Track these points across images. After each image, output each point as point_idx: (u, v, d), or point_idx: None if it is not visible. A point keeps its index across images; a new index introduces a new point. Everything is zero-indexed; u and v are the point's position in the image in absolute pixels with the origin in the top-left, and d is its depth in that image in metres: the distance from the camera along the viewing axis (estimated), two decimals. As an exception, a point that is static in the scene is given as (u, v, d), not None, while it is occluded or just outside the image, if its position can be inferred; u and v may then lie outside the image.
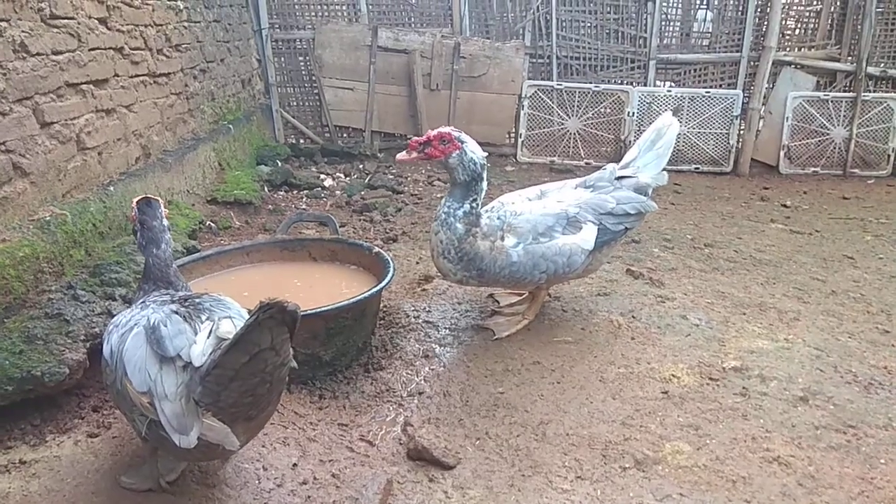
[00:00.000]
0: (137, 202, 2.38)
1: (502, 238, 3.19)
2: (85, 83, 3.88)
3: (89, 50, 3.93)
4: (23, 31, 3.28)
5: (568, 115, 8.11)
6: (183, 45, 5.48)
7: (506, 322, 3.60)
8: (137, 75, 4.61)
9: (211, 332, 1.92)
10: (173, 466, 2.21)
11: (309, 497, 2.26)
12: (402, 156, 3.12)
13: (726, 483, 2.41)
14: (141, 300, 2.17)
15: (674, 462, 2.52)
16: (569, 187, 3.54)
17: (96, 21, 4.04)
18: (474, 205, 3.12)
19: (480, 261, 3.14)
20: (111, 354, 1.98)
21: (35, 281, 3.02)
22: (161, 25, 5.04)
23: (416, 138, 3.11)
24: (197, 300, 2.10)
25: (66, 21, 3.70)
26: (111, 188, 4.01)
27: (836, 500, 2.35)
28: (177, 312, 1.99)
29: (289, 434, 2.58)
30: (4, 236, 3.00)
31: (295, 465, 2.41)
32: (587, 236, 3.29)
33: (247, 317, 2.07)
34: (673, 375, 3.11)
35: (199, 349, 1.87)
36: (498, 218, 3.26)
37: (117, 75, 4.30)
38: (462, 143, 3.05)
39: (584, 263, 3.35)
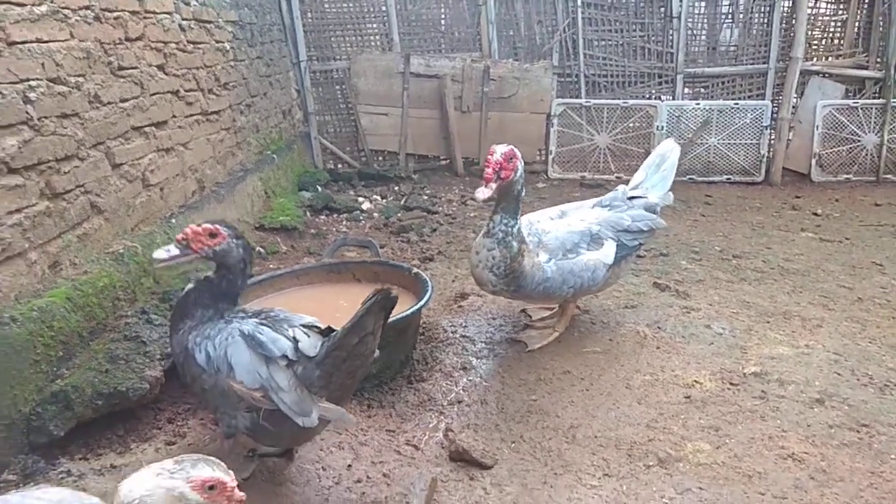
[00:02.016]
0: (217, 223, 2.47)
1: (537, 255, 3.43)
2: (147, 126, 4.28)
3: (150, 95, 4.33)
4: (96, 84, 3.68)
5: (597, 130, 8.33)
6: (230, 83, 5.89)
7: (538, 335, 3.85)
8: (192, 115, 5.01)
9: (307, 332, 2.34)
10: (246, 466, 2.51)
11: (363, 493, 2.54)
12: (482, 194, 3.07)
13: (743, 478, 2.62)
14: (220, 318, 2.47)
15: (694, 460, 2.73)
16: (586, 207, 3.78)
17: (155, 68, 4.44)
18: (520, 219, 3.32)
19: (523, 278, 3.34)
20: (208, 361, 2.32)
21: (113, 307, 3.38)
22: (210, 67, 5.45)
23: (488, 172, 3.08)
24: (271, 314, 2.48)
25: (130, 71, 4.10)
26: (173, 220, 4.39)
27: (845, 493, 2.53)
28: (262, 323, 2.36)
29: (343, 439, 2.86)
30: (86, 268, 3.37)
31: (349, 466, 2.69)
32: (608, 252, 3.54)
33: (312, 323, 2.43)
34: (695, 381, 3.32)
35: (309, 343, 2.29)
36: (535, 235, 3.51)
37: (174, 116, 4.69)
38: (518, 154, 3.18)
39: (605, 277, 3.59)
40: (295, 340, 2.30)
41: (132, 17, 4.10)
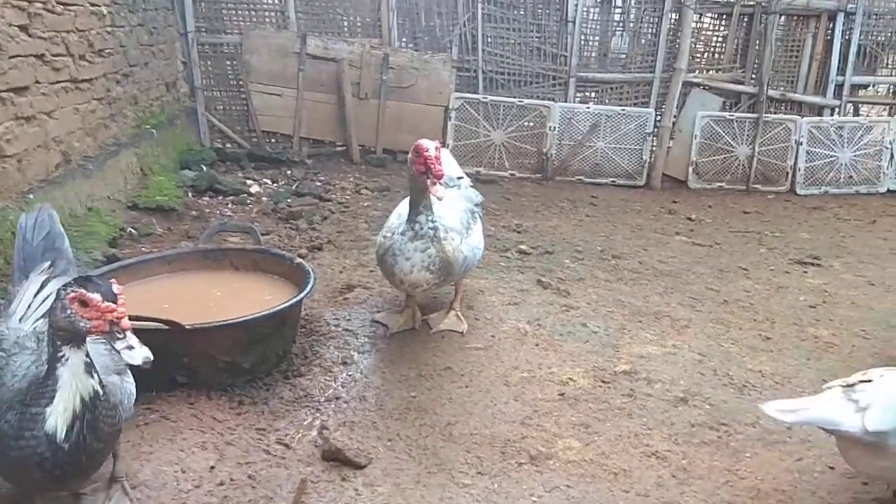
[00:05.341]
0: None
1: (452, 239, 3.46)
2: (5, 91, 3.89)
3: (10, 58, 3.94)
4: (-60, 40, 3.29)
5: (493, 127, 8.40)
6: (106, 50, 5.46)
7: (437, 315, 3.94)
8: (59, 81, 4.61)
9: None
10: None
11: (226, 497, 2.41)
12: (441, 191, 3.07)
13: (609, 475, 2.70)
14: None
15: (564, 457, 2.80)
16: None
17: (17, 28, 4.04)
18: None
19: (450, 265, 3.39)
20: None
21: (-49, 290, 3.04)
22: (84, 31, 5.03)
23: (438, 168, 3.04)
24: None
25: (-15, 29, 3.70)
26: (30, 195, 4.02)
27: (703, 490, 2.67)
28: None
29: (207, 439, 2.71)
30: (-81, 245, 3.01)
31: (213, 467, 2.55)
32: (479, 225, 3.93)
33: None
34: (570, 379, 3.41)
35: None
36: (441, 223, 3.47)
37: (38, 82, 4.29)
38: None
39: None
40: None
41: (-13, -32, 3.69)
